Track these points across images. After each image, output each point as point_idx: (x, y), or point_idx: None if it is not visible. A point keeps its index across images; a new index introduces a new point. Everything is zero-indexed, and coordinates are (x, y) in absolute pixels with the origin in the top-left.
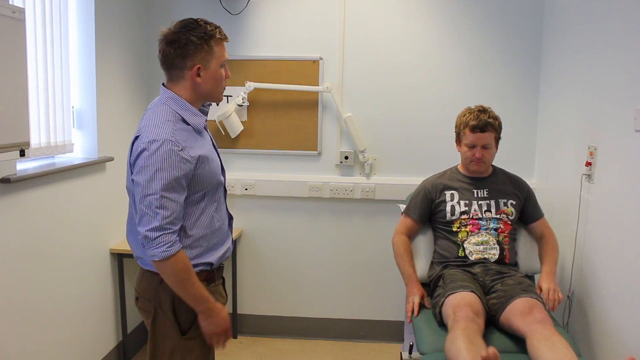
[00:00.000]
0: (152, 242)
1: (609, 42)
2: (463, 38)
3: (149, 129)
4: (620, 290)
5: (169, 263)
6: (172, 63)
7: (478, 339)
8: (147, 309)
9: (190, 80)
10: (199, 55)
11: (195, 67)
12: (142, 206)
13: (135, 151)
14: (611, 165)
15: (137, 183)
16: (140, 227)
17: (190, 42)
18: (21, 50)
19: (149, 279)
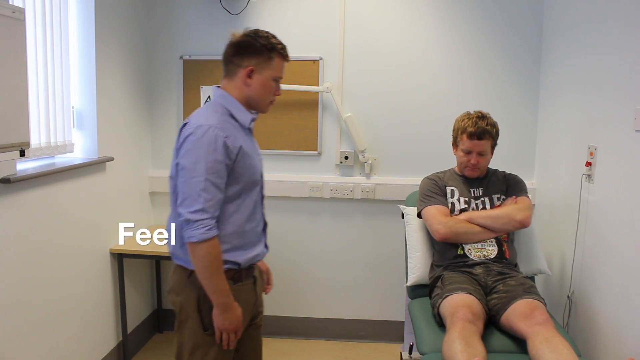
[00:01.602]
0: (192, 223)
1: (609, 42)
2: (463, 38)
3: (197, 116)
4: (620, 291)
5: (204, 246)
6: (230, 59)
7: (475, 340)
8: (175, 302)
9: (242, 79)
10: (257, 59)
11: (248, 67)
12: (185, 189)
13: (182, 136)
14: (611, 166)
15: (182, 166)
16: (181, 208)
17: (252, 45)
18: (21, 50)
19: (179, 274)
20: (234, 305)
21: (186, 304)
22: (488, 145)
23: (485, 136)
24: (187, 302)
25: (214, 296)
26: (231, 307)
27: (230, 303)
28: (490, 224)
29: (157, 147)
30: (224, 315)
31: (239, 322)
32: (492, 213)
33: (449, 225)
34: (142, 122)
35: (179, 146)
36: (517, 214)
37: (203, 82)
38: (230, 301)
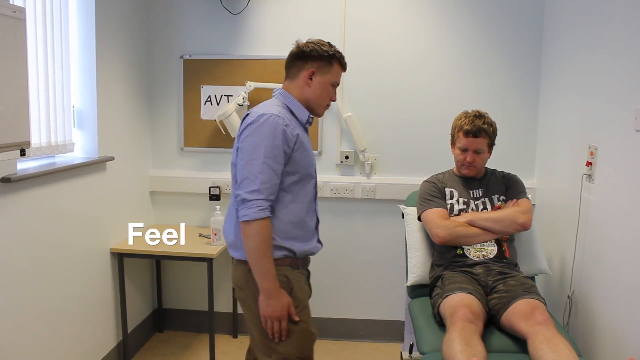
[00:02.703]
0: (247, 202)
1: (609, 42)
2: (464, 38)
3: (258, 108)
4: (620, 291)
5: (256, 226)
6: (293, 62)
7: (475, 340)
8: (241, 297)
9: (303, 80)
10: (318, 63)
11: (310, 70)
12: (244, 171)
13: (244, 124)
14: (612, 165)
15: (242, 149)
16: (239, 190)
17: (315, 51)
18: (21, 50)
19: (240, 269)
20: (280, 293)
21: (251, 298)
22: (484, 143)
23: (481, 134)
24: (251, 296)
25: (260, 279)
26: (277, 293)
27: (276, 289)
28: (492, 226)
29: (157, 146)
30: (268, 301)
31: (284, 310)
32: (494, 216)
33: (449, 229)
34: (142, 121)
35: (240, 132)
36: (519, 216)
37: (203, 81)
38: (276, 287)
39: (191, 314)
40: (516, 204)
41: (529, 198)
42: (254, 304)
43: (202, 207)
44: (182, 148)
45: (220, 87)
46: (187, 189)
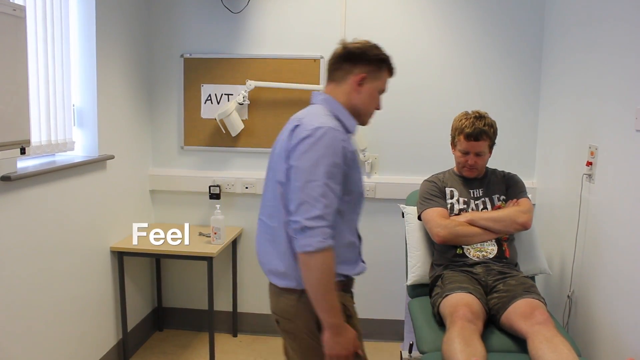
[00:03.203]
0: (309, 231)
1: (610, 42)
2: (464, 38)
3: (311, 117)
4: (621, 291)
5: (320, 257)
6: (339, 65)
7: (475, 340)
8: (290, 329)
9: (351, 86)
10: (368, 67)
11: (361, 75)
12: (302, 194)
13: (295, 138)
14: (612, 165)
15: (299, 168)
16: (297, 215)
17: (366, 54)
18: (22, 48)
19: (287, 298)
20: (346, 328)
21: (304, 331)
22: (485, 145)
23: (482, 137)
24: (305, 328)
25: (325, 315)
26: (344, 329)
27: (342, 324)
28: (492, 226)
29: (157, 145)
30: (336, 339)
31: (351, 346)
32: (494, 215)
33: (449, 228)
34: (142, 120)
35: (292, 148)
36: (519, 216)
37: (204, 80)
38: (342, 322)
39: (191, 313)
40: (516, 203)
41: (529, 198)
42: (309, 338)
43: (202, 205)
44: (183, 147)
45: (221, 85)
46: (187, 187)
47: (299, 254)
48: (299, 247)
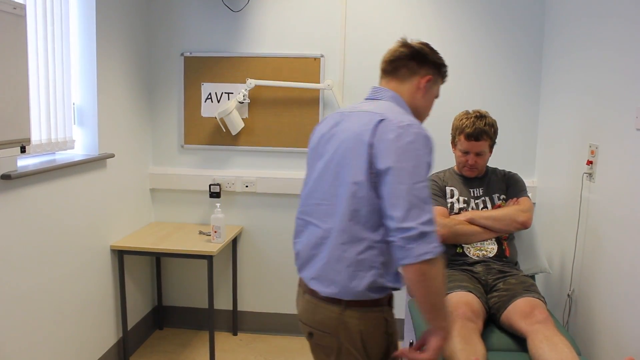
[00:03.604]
0: (427, 236)
1: (611, 41)
2: (464, 37)
3: (394, 114)
4: (620, 290)
5: (436, 263)
6: (405, 63)
7: (474, 338)
8: (328, 344)
9: (416, 86)
10: (433, 70)
11: (427, 76)
12: (410, 196)
13: (385, 134)
14: (612, 164)
15: (403, 170)
16: (409, 221)
17: (430, 57)
18: (22, 47)
19: (328, 309)
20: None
21: (348, 344)
22: (486, 145)
23: (482, 137)
24: (347, 343)
25: (441, 322)
26: (449, 334)
27: (450, 329)
28: (492, 224)
29: (157, 144)
30: (442, 342)
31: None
32: (494, 214)
33: (449, 227)
34: (142, 118)
35: (384, 145)
36: (519, 215)
37: (204, 79)
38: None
39: (191, 312)
40: (516, 202)
41: (530, 197)
42: (350, 354)
43: (202, 204)
44: (183, 145)
45: (221, 84)
46: (187, 186)
47: (415, 264)
48: (416, 257)
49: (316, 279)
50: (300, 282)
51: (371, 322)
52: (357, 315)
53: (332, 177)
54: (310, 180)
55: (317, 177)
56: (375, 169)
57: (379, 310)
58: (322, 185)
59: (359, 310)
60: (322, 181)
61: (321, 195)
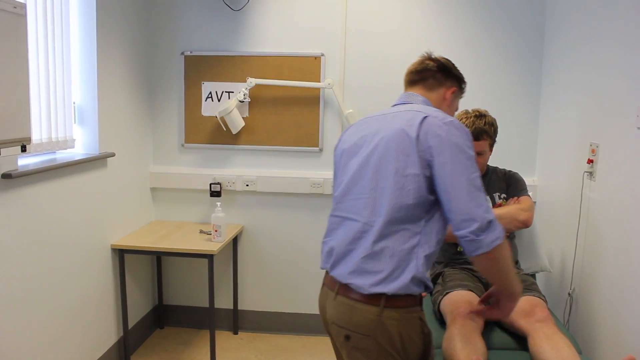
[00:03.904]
0: (492, 224)
1: (611, 39)
2: (465, 35)
3: (434, 111)
4: (621, 288)
5: (506, 244)
6: (432, 73)
7: (475, 337)
8: (365, 346)
9: (442, 96)
10: (457, 84)
11: (452, 88)
12: (471, 188)
13: (433, 129)
14: (613, 163)
15: (460, 163)
16: (476, 212)
17: (454, 71)
18: (22, 46)
19: (364, 311)
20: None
21: (388, 346)
22: (486, 145)
23: (482, 136)
24: (386, 344)
25: (516, 287)
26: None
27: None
28: None
29: (158, 143)
30: (514, 304)
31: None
32: (495, 213)
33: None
34: (143, 117)
35: (434, 141)
36: (520, 214)
37: (204, 78)
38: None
39: (192, 310)
40: (517, 201)
41: (530, 195)
42: (389, 355)
43: (202, 203)
44: (183, 144)
45: (221, 83)
46: (187, 185)
47: (488, 252)
48: (487, 245)
49: (356, 272)
50: (329, 283)
51: (409, 322)
52: (395, 316)
53: (372, 172)
54: (345, 178)
55: (354, 174)
56: (427, 163)
57: (415, 311)
58: (360, 181)
59: (397, 311)
60: (360, 177)
61: (360, 190)
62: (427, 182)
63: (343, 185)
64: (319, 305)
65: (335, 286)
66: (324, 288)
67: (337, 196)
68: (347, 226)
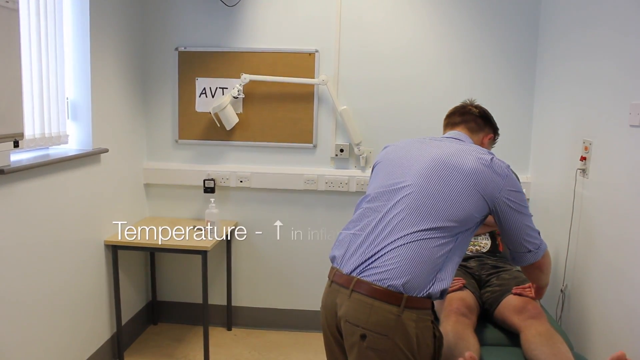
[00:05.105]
0: (541, 243)
1: (605, 37)
2: (459, 31)
3: (488, 155)
4: (613, 285)
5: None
6: (474, 119)
7: (468, 333)
8: (381, 346)
9: (481, 140)
10: (491, 132)
11: (490, 134)
12: (528, 216)
13: (500, 170)
14: (606, 160)
15: (519, 196)
16: (536, 237)
17: (492, 121)
18: (15, 41)
19: (383, 312)
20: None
21: (404, 347)
22: None
23: None
24: (404, 345)
25: (546, 283)
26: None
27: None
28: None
29: (152, 138)
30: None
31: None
32: None
33: None
34: (137, 113)
35: (501, 181)
36: None
37: (198, 74)
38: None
39: (185, 307)
40: None
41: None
42: (410, 353)
43: (196, 199)
44: (177, 140)
45: (216, 79)
46: (181, 181)
47: (539, 260)
48: (540, 255)
49: (395, 280)
50: (343, 281)
51: (424, 324)
52: (414, 318)
53: (431, 188)
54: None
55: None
56: (491, 193)
57: (429, 314)
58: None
59: (416, 313)
60: (415, 192)
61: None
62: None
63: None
64: (323, 304)
65: (349, 282)
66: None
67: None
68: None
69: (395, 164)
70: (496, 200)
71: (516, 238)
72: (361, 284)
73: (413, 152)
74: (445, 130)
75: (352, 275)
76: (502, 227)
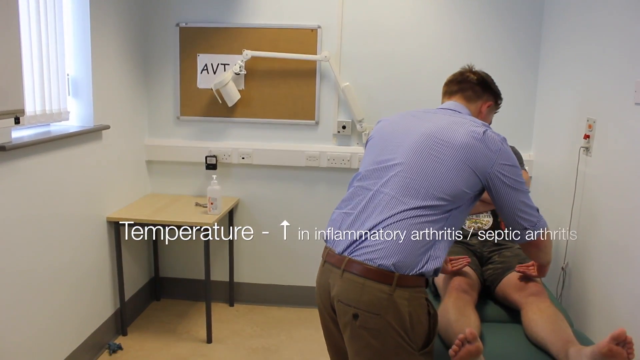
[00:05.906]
0: (540, 218)
1: (610, 15)
2: (463, 5)
3: (484, 127)
4: (614, 263)
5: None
6: (472, 86)
7: (469, 310)
8: (375, 325)
9: (478, 109)
10: (492, 100)
11: (489, 102)
12: (525, 192)
13: (493, 144)
14: (610, 138)
15: (514, 169)
16: (533, 215)
17: (492, 86)
18: (14, 16)
19: (375, 291)
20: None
21: (397, 325)
22: None
23: None
24: (396, 324)
25: (549, 261)
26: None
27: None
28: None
29: (153, 115)
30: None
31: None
32: None
33: None
34: (138, 90)
35: (494, 154)
36: None
37: (199, 49)
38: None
39: (188, 283)
40: None
41: (527, 170)
42: (398, 335)
43: (198, 176)
44: (179, 117)
45: (217, 55)
46: (183, 158)
47: (539, 238)
48: (537, 234)
49: (369, 260)
50: (335, 261)
51: (418, 302)
52: (406, 296)
53: (425, 162)
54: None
55: (401, 161)
56: (482, 168)
57: (423, 292)
58: (409, 167)
59: (408, 291)
60: (411, 164)
61: (410, 175)
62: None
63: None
64: (317, 283)
65: (340, 262)
66: (327, 265)
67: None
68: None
69: (386, 141)
70: (488, 175)
71: (510, 215)
72: (352, 263)
73: (405, 127)
74: (443, 99)
75: (344, 255)
76: (496, 203)
